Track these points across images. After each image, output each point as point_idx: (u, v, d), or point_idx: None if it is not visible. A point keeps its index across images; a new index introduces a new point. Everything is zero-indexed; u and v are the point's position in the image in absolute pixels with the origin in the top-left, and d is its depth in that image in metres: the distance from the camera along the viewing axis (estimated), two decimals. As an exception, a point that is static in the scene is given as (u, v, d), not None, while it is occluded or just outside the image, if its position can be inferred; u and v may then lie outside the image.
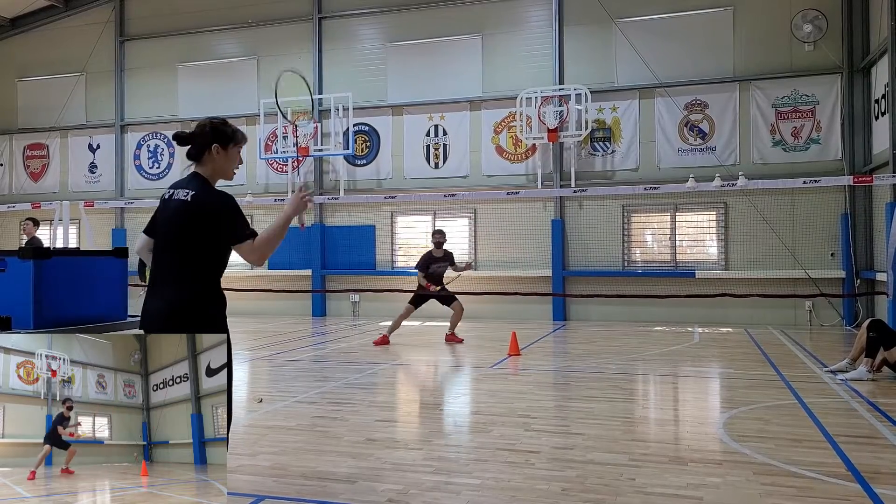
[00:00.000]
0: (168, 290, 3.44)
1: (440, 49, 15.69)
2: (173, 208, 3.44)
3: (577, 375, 8.00)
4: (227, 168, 3.58)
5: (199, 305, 3.46)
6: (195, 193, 3.43)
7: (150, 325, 3.44)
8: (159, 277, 3.48)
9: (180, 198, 3.44)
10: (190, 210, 3.40)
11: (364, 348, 10.45)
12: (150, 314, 3.45)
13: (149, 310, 3.47)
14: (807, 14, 13.42)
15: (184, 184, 3.51)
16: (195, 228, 3.41)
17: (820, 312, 13.33)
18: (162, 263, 3.49)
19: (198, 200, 3.42)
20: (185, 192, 3.45)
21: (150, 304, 3.47)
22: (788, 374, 7.84)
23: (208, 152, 3.51)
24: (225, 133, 3.55)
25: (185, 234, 3.42)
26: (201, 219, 3.41)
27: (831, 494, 3.94)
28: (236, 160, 3.63)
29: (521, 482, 4.16)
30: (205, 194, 3.44)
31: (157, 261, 3.51)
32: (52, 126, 18.49)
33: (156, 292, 3.47)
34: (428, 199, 15.03)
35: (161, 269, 3.48)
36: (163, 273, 3.47)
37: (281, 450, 4.90)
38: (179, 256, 3.44)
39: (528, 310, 14.59)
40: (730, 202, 13.82)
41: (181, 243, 3.44)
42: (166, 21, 17.72)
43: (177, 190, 3.49)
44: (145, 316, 3.48)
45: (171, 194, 3.49)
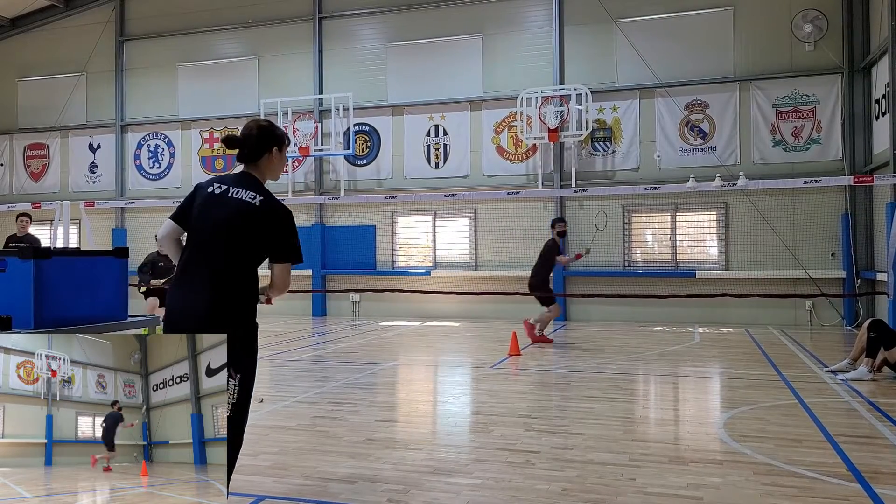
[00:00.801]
0: (214, 290, 3.31)
1: (440, 49, 15.69)
2: (236, 207, 3.34)
3: (577, 375, 8.00)
4: (278, 170, 3.58)
5: (246, 309, 3.40)
6: (263, 199, 3.37)
7: (191, 321, 3.28)
8: (200, 275, 3.33)
9: (245, 198, 3.35)
10: (260, 214, 3.34)
11: (364, 348, 10.44)
12: (191, 310, 3.30)
13: (187, 308, 3.32)
14: (807, 14, 13.42)
15: (241, 183, 3.41)
16: (259, 233, 3.35)
17: (820, 312, 13.32)
18: (206, 260, 3.34)
19: (269, 207, 3.37)
20: (249, 194, 3.37)
21: (188, 302, 3.32)
22: (789, 374, 7.84)
23: (268, 154, 3.49)
24: (279, 136, 3.55)
25: (247, 235, 3.34)
26: (268, 225, 3.35)
27: (831, 494, 3.94)
28: (285, 161, 3.65)
29: (521, 482, 4.16)
30: (275, 202, 3.41)
31: (197, 257, 3.36)
32: (53, 126, 18.49)
33: (196, 287, 3.33)
34: (428, 199, 15.04)
35: (206, 265, 3.34)
36: (206, 270, 3.33)
37: (281, 450, 4.90)
38: (232, 257, 3.34)
39: (529, 310, 14.52)
40: (730, 202, 13.82)
41: (239, 244, 3.34)
42: (166, 21, 17.72)
43: (234, 188, 3.39)
44: (182, 311, 3.32)
45: (227, 190, 3.38)
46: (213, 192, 3.41)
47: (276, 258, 3.42)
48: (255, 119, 3.59)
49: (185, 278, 3.38)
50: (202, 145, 17.43)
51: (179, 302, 3.37)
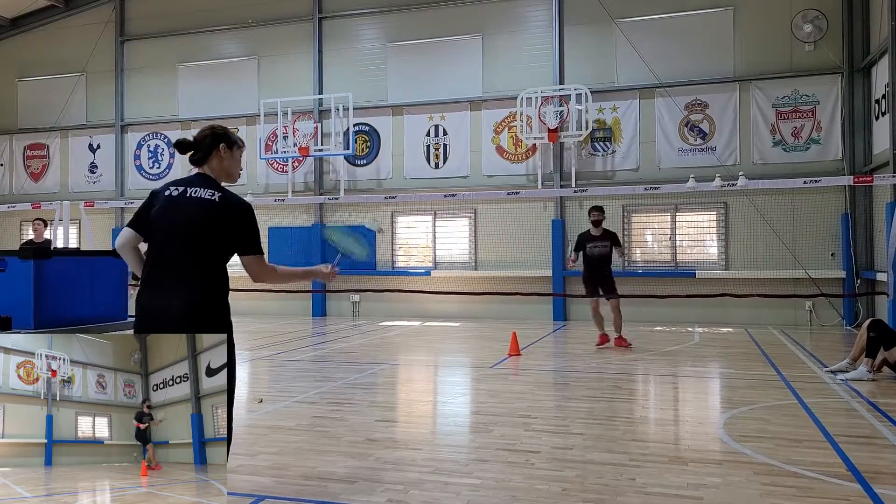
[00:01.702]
0: (187, 288, 3.36)
1: (440, 49, 15.69)
2: (197, 205, 3.38)
3: (577, 375, 8.00)
4: (232, 169, 3.61)
5: (218, 306, 3.45)
6: (222, 195, 3.43)
7: (164, 322, 3.34)
8: (170, 275, 3.38)
9: (204, 196, 3.40)
10: (220, 210, 3.39)
11: (364, 348, 10.44)
12: (162, 312, 3.35)
13: (159, 307, 3.36)
14: (807, 14, 13.42)
15: (197, 183, 3.46)
16: (222, 228, 3.40)
17: (820, 312, 13.32)
18: (172, 260, 3.39)
19: (228, 201, 3.42)
20: (207, 192, 3.41)
21: (160, 301, 3.37)
22: (789, 374, 7.83)
23: (216, 152, 3.54)
24: (229, 136, 3.61)
25: (211, 232, 3.38)
26: (230, 220, 3.41)
27: (831, 494, 3.93)
28: (240, 163, 3.68)
29: (521, 482, 4.16)
30: (233, 196, 3.47)
31: (162, 257, 3.41)
32: (53, 126, 18.49)
33: (165, 289, 3.37)
34: (428, 199, 15.04)
35: (172, 266, 3.38)
36: (174, 270, 3.38)
37: (281, 450, 4.90)
38: (200, 254, 3.39)
39: (529, 310, 14.58)
40: (730, 202, 13.82)
41: (204, 241, 3.38)
42: (166, 21, 17.72)
43: (192, 188, 3.43)
44: (154, 314, 3.37)
45: (185, 191, 3.42)
46: (171, 194, 3.44)
47: (243, 252, 3.48)
48: (210, 124, 3.67)
49: (155, 280, 3.40)
50: (202, 145, 17.40)
51: (151, 304, 3.39)
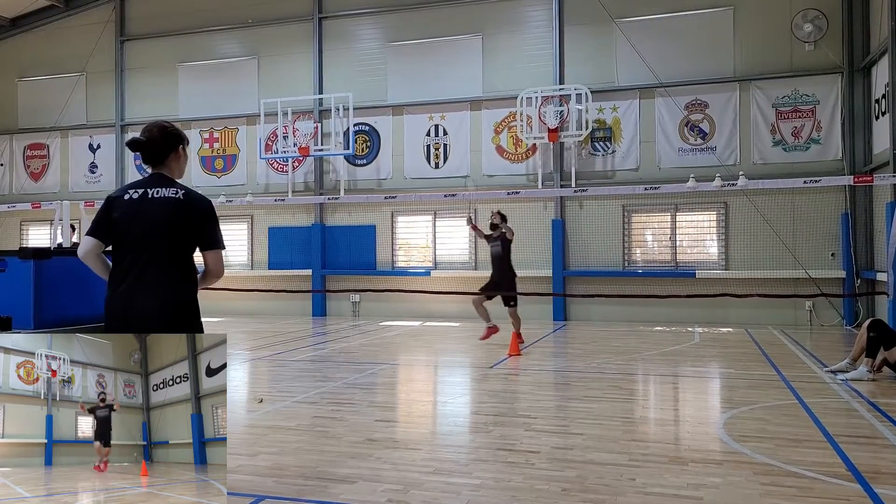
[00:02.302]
0: (159, 287, 3.34)
1: (440, 49, 15.68)
2: (161, 205, 3.37)
3: (577, 375, 8.00)
4: (183, 168, 3.66)
5: (190, 301, 3.45)
6: (185, 192, 3.44)
7: (140, 323, 3.31)
8: (140, 275, 3.33)
9: (167, 195, 3.39)
10: (185, 207, 3.40)
11: (364, 348, 10.44)
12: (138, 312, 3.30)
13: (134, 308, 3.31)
14: (807, 14, 13.42)
15: (157, 183, 3.45)
16: (188, 224, 3.41)
17: (820, 312, 13.32)
18: (142, 261, 3.35)
19: (192, 199, 3.44)
20: (170, 191, 3.41)
21: (134, 302, 3.32)
22: (789, 374, 7.83)
23: (174, 153, 3.55)
24: (182, 135, 3.62)
25: (179, 229, 3.39)
26: (195, 217, 3.42)
27: (831, 494, 3.93)
28: (187, 160, 3.74)
29: (521, 482, 4.16)
30: (195, 194, 3.50)
31: (131, 260, 3.35)
32: (53, 126, 18.49)
33: (139, 290, 3.32)
34: (428, 199, 15.04)
35: (142, 267, 3.34)
36: (145, 270, 3.34)
37: (281, 450, 4.90)
38: (170, 253, 3.39)
39: (529, 310, 14.52)
40: (730, 202, 13.82)
41: (173, 239, 3.38)
42: (166, 21, 17.72)
43: (152, 189, 3.42)
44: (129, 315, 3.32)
45: (146, 193, 3.40)
46: (132, 197, 3.41)
47: (206, 247, 3.48)
48: (154, 122, 3.60)
49: (125, 282, 3.36)
50: (202, 145, 17.43)
51: (124, 305, 3.34)
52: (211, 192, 16.66)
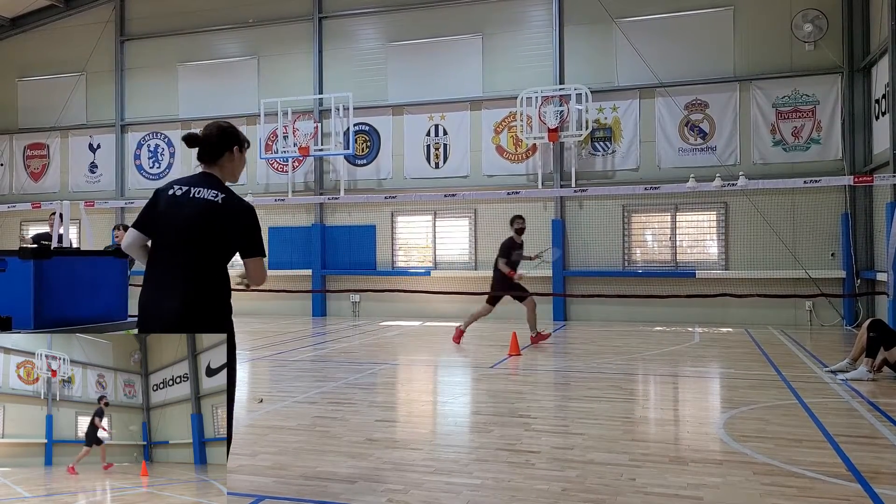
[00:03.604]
0: (186, 289, 3.36)
1: (440, 49, 15.69)
2: (199, 206, 3.37)
3: (577, 375, 8.00)
4: (238, 171, 3.62)
5: (217, 307, 3.46)
6: (226, 197, 3.42)
7: (165, 323, 3.34)
8: (170, 275, 3.38)
9: (207, 197, 3.39)
10: (222, 211, 3.38)
11: (364, 348, 10.44)
12: (163, 312, 3.35)
13: (160, 308, 3.36)
14: (807, 14, 13.42)
15: (201, 183, 3.45)
16: (224, 230, 3.39)
17: (820, 312, 13.32)
18: (175, 261, 3.39)
19: (231, 203, 3.41)
20: (211, 193, 3.40)
21: (161, 302, 3.37)
22: (789, 374, 7.83)
23: (228, 153, 3.54)
24: (239, 136, 3.61)
25: (213, 233, 3.37)
26: (232, 222, 3.40)
27: (831, 494, 3.94)
28: (244, 164, 3.69)
29: (521, 482, 4.16)
30: (237, 199, 3.46)
31: (166, 258, 3.41)
32: (53, 126, 18.49)
33: (167, 290, 3.37)
34: (428, 199, 15.04)
35: (174, 267, 3.38)
36: (176, 270, 3.38)
37: (281, 450, 4.90)
38: (201, 255, 3.39)
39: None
40: (730, 202, 13.82)
41: (206, 242, 3.38)
42: (166, 21, 17.72)
43: (195, 188, 3.42)
44: (155, 313, 3.37)
45: (188, 192, 3.42)
46: (175, 194, 3.43)
47: (245, 254, 3.46)
48: (216, 121, 3.63)
49: (156, 280, 3.40)
50: (202, 145, 17.41)
51: (153, 303, 3.39)
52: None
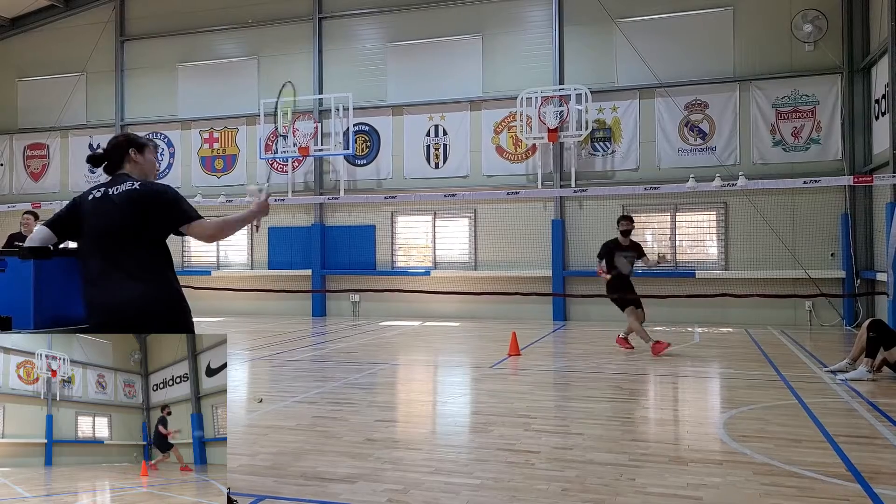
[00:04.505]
0: (134, 283, 3.31)
1: (440, 49, 15.69)
2: (122, 198, 3.38)
3: (577, 375, 8.00)
4: (147, 170, 3.64)
5: (175, 298, 3.44)
6: (142, 183, 3.45)
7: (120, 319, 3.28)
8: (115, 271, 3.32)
9: (124, 189, 3.41)
10: (143, 197, 3.38)
11: (364, 348, 10.44)
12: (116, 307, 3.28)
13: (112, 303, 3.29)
14: (807, 14, 13.42)
15: (116, 182, 3.49)
16: (151, 213, 3.38)
17: (820, 312, 13.32)
18: (111, 258, 3.34)
19: (147, 187, 3.43)
20: (127, 184, 3.43)
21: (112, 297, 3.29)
22: (788, 375, 7.83)
23: (127, 156, 3.59)
24: (135, 139, 3.66)
25: (142, 220, 3.37)
26: (156, 205, 3.40)
27: (831, 494, 3.94)
28: (155, 163, 3.74)
29: (521, 482, 4.16)
30: (151, 183, 3.50)
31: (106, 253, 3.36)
32: (53, 126, 18.49)
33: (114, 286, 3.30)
34: (428, 199, 15.05)
35: (112, 264, 3.34)
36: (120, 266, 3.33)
37: (281, 450, 4.90)
38: (137, 246, 3.37)
39: (528, 310, 14.58)
40: (730, 202, 13.82)
41: (138, 231, 3.37)
42: (166, 21, 17.72)
43: (112, 187, 3.45)
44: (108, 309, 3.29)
45: (107, 191, 3.44)
46: (95, 196, 3.47)
47: (182, 223, 3.43)
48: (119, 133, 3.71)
49: (102, 280, 3.36)
50: (202, 145, 17.43)
51: (104, 301, 3.33)
52: (211, 192, 16.68)
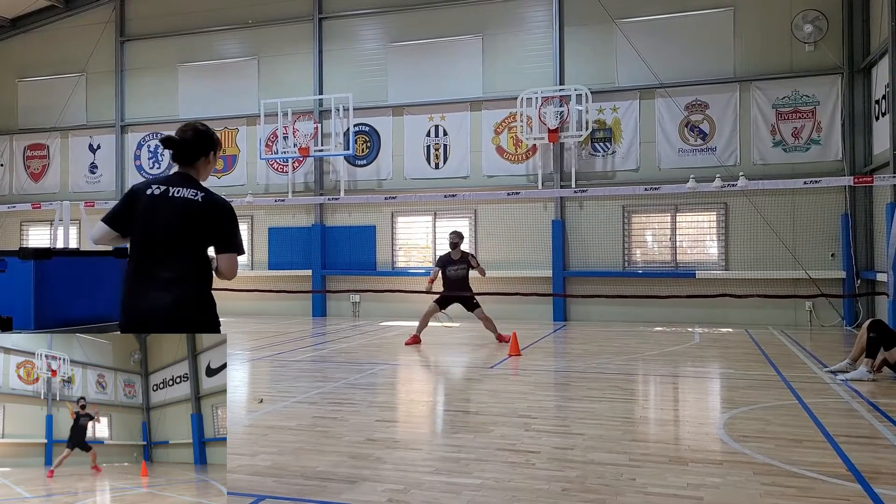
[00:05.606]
0: (172, 286, 3.37)
1: (441, 49, 15.69)
2: (179, 205, 3.41)
3: (577, 375, 8.00)
4: (209, 173, 3.69)
5: (205, 304, 3.48)
6: (205, 196, 3.47)
7: (154, 320, 3.34)
8: (158, 273, 3.37)
9: (186, 196, 3.43)
10: (203, 210, 3.43)
11: (364, 348, 10.45)
12: (152, 309, 3.34)
13: (149, 305, 3.35)
14: (807, 14, 13.42)
15: (180, 182, 3.49)
16: (206, 228, 3.44)
17: (820, 313, 13.32)
18: (157, 259, 3.39)
19: (210, 201, 3.47)
20: (190, 192, 3.45)
21: (150, 300, 3.35)
22: (789, 375, 7.83)
23: (204, 158, 3.59)
24: (216, 140, 3.67)
25: (194, 231, 3.42)
26: (213, 219, 3.45)
27: (831, 494, 3.94)
28: (214, 166, 3.77)
29: (521, 482, 4.16)
30: (216, 197, 3.52)
31: (150, 257, 3.40)
32: (53, 126, 18.49)
33: (155, 289, 3.36)
34: (428, 200, 15.04)
35: (157, 265, 3.38)
36: (160, 269, 3.38)
37: (281, 450, 4.90)
38: (185, 253, 3.42)
39: (529, 310, 14.58)
40: (730, 202, 13.82)
41: (188, 240, 3.42)
42: (166, 21, 17.73)
43: (174, 188, 3.45)
44: (144, 312, 3.35)
45: (167, 191, 3.44)
46: (153, 193, 3.45)
47: (220, 249, 3.51)
48: (191, 123, 3.65)
49: (141, 280, 3.40)
50: (202, 145, 17.41)
51: (139, 304, 3.38)
52: (211, 193, 16.66)
